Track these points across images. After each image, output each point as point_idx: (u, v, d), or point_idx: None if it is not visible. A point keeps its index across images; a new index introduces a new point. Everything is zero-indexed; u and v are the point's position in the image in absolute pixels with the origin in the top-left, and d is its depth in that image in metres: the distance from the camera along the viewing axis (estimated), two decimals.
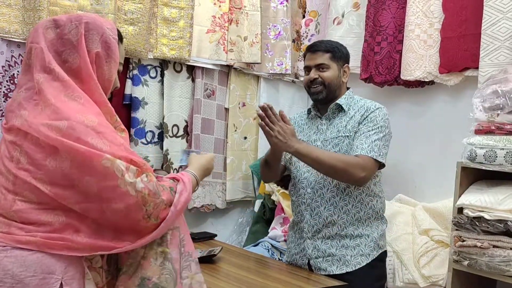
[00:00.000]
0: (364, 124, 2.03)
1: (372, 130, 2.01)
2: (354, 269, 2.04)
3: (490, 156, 2.04)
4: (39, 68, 1.30)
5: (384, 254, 2.16)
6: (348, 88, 2.20)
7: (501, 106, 2.08)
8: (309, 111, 2.22)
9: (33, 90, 1.29)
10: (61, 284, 1.23)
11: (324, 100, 2.11)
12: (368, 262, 2.05)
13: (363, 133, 2.02)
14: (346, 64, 2.16)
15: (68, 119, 1.22)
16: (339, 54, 2.13)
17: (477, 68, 2.47)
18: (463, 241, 2.07)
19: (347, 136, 2.04)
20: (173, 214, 1.31)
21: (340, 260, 2.05)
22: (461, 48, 2.57)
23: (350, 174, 1.93)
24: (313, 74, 2.09)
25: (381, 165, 2.03)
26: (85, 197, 1.23)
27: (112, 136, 1.26)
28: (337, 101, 2.10)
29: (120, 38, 1.44)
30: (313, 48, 2.13)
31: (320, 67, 2.09)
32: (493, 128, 2.10)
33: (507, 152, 2.00)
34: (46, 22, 1.34)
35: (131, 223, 1.27)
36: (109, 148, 1.22)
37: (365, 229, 2.08)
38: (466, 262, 2.07)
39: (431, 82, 2.81)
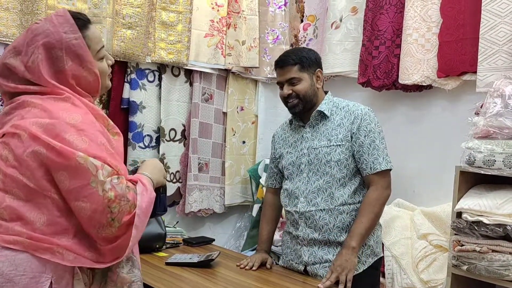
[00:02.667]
0: (364, 135, 2.02)
1: (376, 139, 2.02)
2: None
3: (488, 160, 2.03)
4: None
5: (379, 262, 2.14)
6: (326, 92, 2.17)
7: (499, 110, 2.07)
8: (291, 121, 2.20)
9: (18, 102, 1.31)
10: (51, 283, 1.23)
11: (302, 111, 2.09)
12: (364, 269, 2.04)
13: (370, 146, 2.01)
14: (318, 69, 2.11)
15: (51, 117, 1.23)
16: (308, 62, 2.08)
17: (475, 72, 2.47)
18: (462, 245, 2.07)
19: (339, 145, 2.02)
20: (140, 218, 1.27)
21: None
22: (459, 52, 2.57)
23: (385, 203, 2.06)
24: (286, 90, 2.07)
25: None
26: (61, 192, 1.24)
27: (94, 135, 1.25)
28: (319, 108, 2.08)
29: (85, 22, 1.36)
30: (280, 63, 2.08)
31: (291, 81, 2.06)
32: (491, 132, 2.10)
33: (506, 156, 2.00)
34: (7, 53, 1.32)
35: (93, 228, 1.24)
36: (87, 146, 1.21)
37: None
38: (465, 267, 2.07)
39: (429, 86, 2.81)
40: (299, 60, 2.06)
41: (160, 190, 1.47)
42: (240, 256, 2.44)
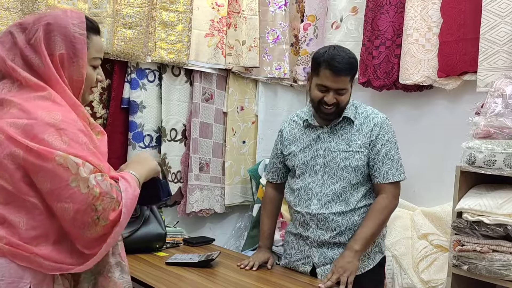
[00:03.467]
0: (381, 144, 2.00)
1: (392, 149, 2.02)
2: (361, 272, 2.02)
3: (489, 160, 2.03)
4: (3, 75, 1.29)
5: (384, 259, 2.15)
6: None
7: (500, 110, 2.07)
8: (305, 121, 2.11)
9: None
10: None
11: (332, 119, 2.04)
12: (374, 265, 2.06)
13: (386, 155, 2.00)
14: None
15: (29, 117, 1.20)
16: (356, 71, 2.01)
17: (475, 72, 2.48)
18: (463, 245, 2.07)
19: (358, 151, 2.00)
20: (125, 216, 1.24)
21: None
22: (459, 52, 2.57)
23: (391, 213, 2.07)
24: (331, 97, 1.94)
25: None
26: (41, 195, 1.21)
27: (74, 134, 1.21)
28: (345, 114, 2.03)
29: (95, 30, 1.37)
30: (337, 70, 1.91)
31: (340, 91, 1.95)
32: (492, 132, 2.10)
33: (506, 156, 2.00)
34: (11, 27, 1.31)
35: (78, 229, 1.21)
36: (66, 146, 1.18)
37: None
38: (465, 267, 2.07)
39: (430, 86, 2.81)
40: (354, 70, 1.97)
41: (157, 177, 1.46)
42: (240, 256, 2.44)
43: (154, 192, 1.48)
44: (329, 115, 2.00)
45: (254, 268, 2.12)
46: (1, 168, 1.20)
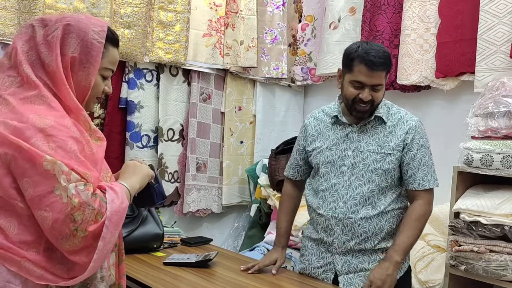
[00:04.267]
0: (417, 149, 1.89)
1: (426, 155, 1.91)
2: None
3: (486, 160, 2.04)
4: (7, 68, 1.27)
5: (409, 267, 2.00)
6: None
7: (497, 111, 2.08)
8: (334, 117, 1.97)
9: None
10: None
11: (366, 116, 1.91)
12: (401, 275, 1.92)
13: (421, 160, 1.89)
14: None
15: (20, 120, 1.17)
16: (391, 67, 1.88)
17: (473, 72, 2.48)
18: (460, 245, 2.07)
19: (389, 154, 1.89)
20: (109, 229, 1.18)
21: None
22: (457, 52, 2.58)
23: (427, 219, 1.96)
24: (367, 94, 1.83)
25: None
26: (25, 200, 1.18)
27: (63, 141, 1.18)
28: (377, 114, 1.91)
29: (114, 41, 1.36)
30: (372, 64, 1.80)
31: (376, 87, 1.83)
32: (489, 132, 2.10)
33: (503, 156, 2.00)
34: (34, 21, 1.31)
35: (55, 239, 1.17)
36: (53, 152, 1.15)
37: None
38: (462, 267, 2.07)
39: (427, 87, 2.81)
40: (389, 64, 1.85)
41: (150, 182, 1.44)
42: (238, 256, 2.44)
43: (147, 196, 1.47)
44: (363, 113, 1.88)
45: (249, 271, 2.02)
46: None
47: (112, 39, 1.35)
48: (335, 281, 1.94)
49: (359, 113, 1.88)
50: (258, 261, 2.08)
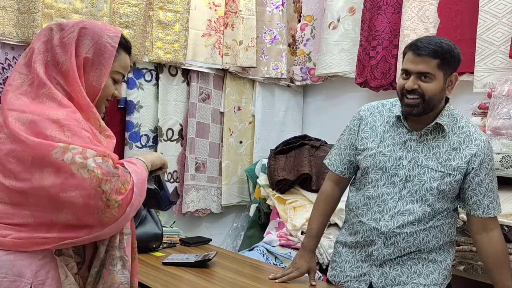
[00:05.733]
0: (485, 174, 1.72)
1: (493, 180, 1.76)
2: None
3: None
4: (21, 65, 1.33)
5: (450, 284, 1.86)
6: (446, 101, 1.77)
7: (498, 111, 2.08)
8: (397, 118, 1.78)
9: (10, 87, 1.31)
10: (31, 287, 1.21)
11: (418, 114, 1.71)
12: None
13: (488, 186, 1.73)
14: (455, 73, 1.70)
15: (33, 113, 1.22)
16: (451, 61, 1.66)
17: (472, 73, 2.48)
18: (459, 245, 2.07)
19: (450, 174, 1.71)
20: (136, 197, 1.24)
21: None
22: None
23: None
24: (412, 82, 1.66)
25: None
26: (41, 192, 1.20)
27: (78, 130, 1.22)
28: (438, 120, 1.71)
29: (127, 48, 1.43)
30: (418, 50, 1.65)
31: (423, 75, 1.65)
32: (488, 132, 2.10)
33: (502, 156, 2.00)
34: (53, 25, 1.37)
35: (93, 215, 1.20)
36: (69, 139, 1.19)
37: (439, 255, 1.80)
38: (462, 267, 2.07)
39: None
40: (442, 54, 1.64)
41: (157, 187, 1.47)
42: (237, 256, 2.44)
43: (154, 202, 1.49)
44: (412, 108, 1.68)
45: (277, 281, 1.87)
46: (7, 166, 1.21)
47: (125, 45, 1.42)
48: None
49: (408, 107, 1.70)
50: (288, 272, 1.93)
